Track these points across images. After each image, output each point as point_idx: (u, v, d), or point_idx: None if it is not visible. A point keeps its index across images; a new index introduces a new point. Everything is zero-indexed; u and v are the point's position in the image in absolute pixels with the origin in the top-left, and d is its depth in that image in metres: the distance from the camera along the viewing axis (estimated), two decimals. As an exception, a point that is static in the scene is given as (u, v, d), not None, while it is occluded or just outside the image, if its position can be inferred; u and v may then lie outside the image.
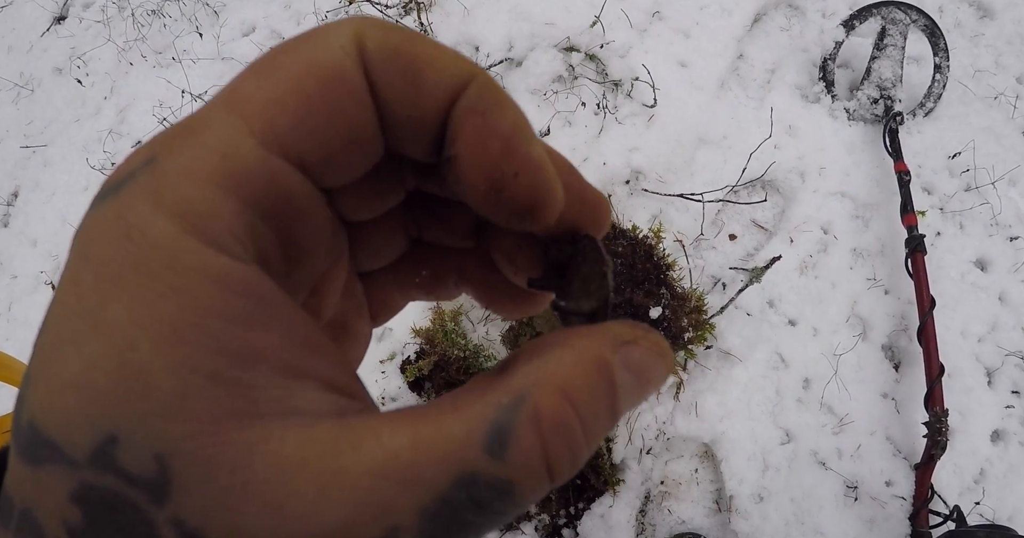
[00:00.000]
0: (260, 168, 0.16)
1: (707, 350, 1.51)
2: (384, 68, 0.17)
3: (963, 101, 1.89)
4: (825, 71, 1.77)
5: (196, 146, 0.16)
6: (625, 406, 0.19)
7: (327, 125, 0.17)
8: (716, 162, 1.68)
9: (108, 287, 0.14)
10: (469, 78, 0.18)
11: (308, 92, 0.17)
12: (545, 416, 0.16)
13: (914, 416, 1.53)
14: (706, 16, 1.82)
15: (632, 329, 0.20)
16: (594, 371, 0.18)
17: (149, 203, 0.15)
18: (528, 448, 0.16)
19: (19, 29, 2.61)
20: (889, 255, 1.66)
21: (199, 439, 0.14)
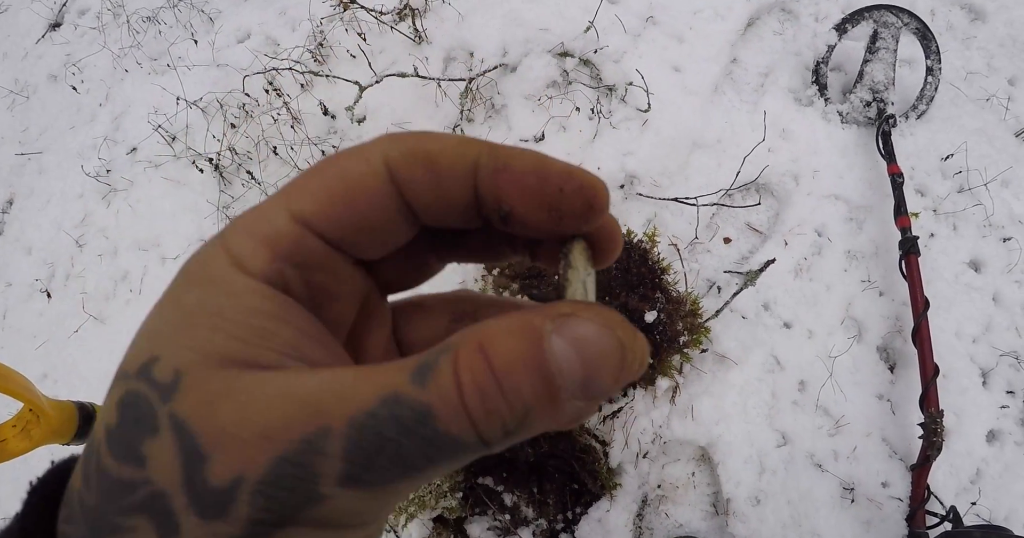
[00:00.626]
0: (288, 233, 0.24)
1: (703, 354, 1.51)
2: (407, 168, 0.24)
3: (955, 103, 1.91)
4: (818, 74, 1.78)
5: (254, 216, 0.24)
6: (563, 374, 0.20)
7: (343, 213, 0.24)
8: (710, 166, 1.69)
9: (189, 287, 0.23)
10: (476, 152, 0.24)
11: (332, 189, 0.24)
12: (461, 360, 0.19)
13: (910, 417, 1.54)
14: (699, 21, 1.83)
15: (580, 305, 0.22)
16: (517, 331, 0.20)
17: (219, 246, 0.24)
18: (444, 381, 0.19)
19: (14, 36, 2.62)
20: (883, 257, 1.67)
21: (208, 364, 0.21)
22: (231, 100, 1.86)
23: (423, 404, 0.19)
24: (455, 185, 0.24)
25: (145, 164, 1.93)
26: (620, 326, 0.21)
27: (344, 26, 1.87)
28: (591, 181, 0.24)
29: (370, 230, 0.25)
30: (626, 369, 0.21)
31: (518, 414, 0.20)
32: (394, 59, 1.80)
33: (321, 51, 1.85)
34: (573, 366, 0.20)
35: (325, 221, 0.24)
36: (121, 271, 1.86)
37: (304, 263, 0.24)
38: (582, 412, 0.21)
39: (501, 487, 1.47)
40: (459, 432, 0.19)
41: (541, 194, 0.23)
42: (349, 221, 0.24)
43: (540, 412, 0.20)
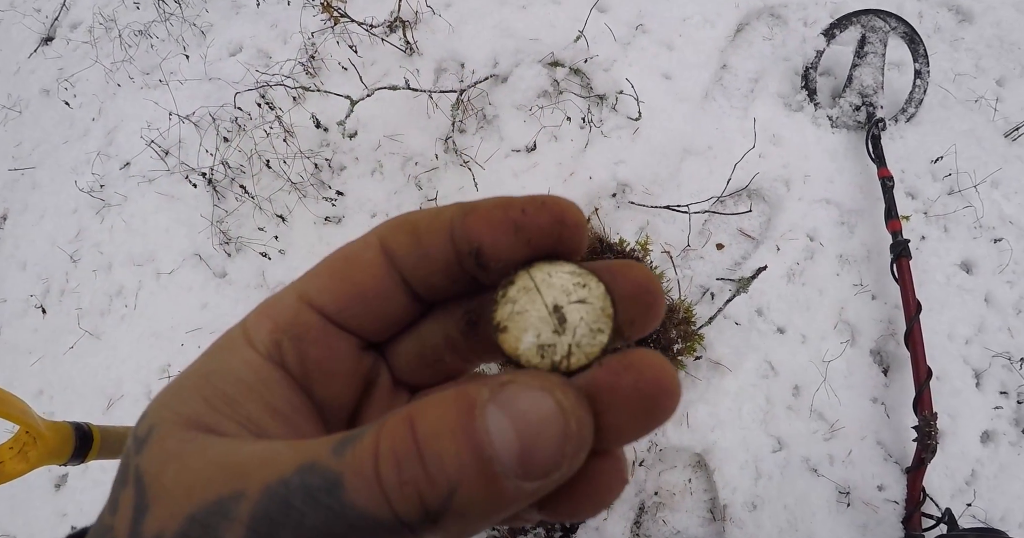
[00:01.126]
0: (290, 307, 0.26)
1: (697, 361, 1.52)
2: (394, 236, 0.26)
3: (944, 105, 1.92)
4: (807, 80, 1.79)
5: (273, 298, 0.27)
6: (494, 446, 0.18)
7: (341, 286, 0.26)
8: (702, 172, 1.70)
9: (206, 352, 0.26)
10: (450, 211, 0.25)
11: (334, 266, 0.26)
12: (385, 430, 0.19)
13: (904, 420, 1.55)
14: (689, 28, 1.84)
15: (521, 372, 0.20)
16: (449, 400, 0.19)
17: (242, 321, 0.26)
18: (362, 450, 0.19)
19: (6, 50, 2.62)
20: (875, 260, 1.68)
21: (176, 423, 0.22)
22: (224, 114, 1.87)
23: (334, 472, 0.18)
24: (433, 241, 0.25)
25: (139, 179, 1.94)
26: (559, 388, 0.19)
27: (335, 39, 1.87)
28: (557, 200, 0.23)
29: (366, 301, 0.26)
30: (570, 439, 0.19)
31: (440, 489, 0.18)
32: (386, 71, 1.81)
33: (313, 64, 1.86)
34: (506, 437, 0.18)
35: (325, 294, 0.26)
36: (116, 286, 1.86)
37: (300, 335, 0.26)
38: (530, 494, 0.19)
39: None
40: (368, 505, 0.18)
41: (505, 220, 0.23)
42: (346, 293, 0.25)
43: (470, 490, 0.18)
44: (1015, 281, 1.74)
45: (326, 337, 0.26)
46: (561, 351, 0.21)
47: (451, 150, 1.71)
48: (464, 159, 1.69)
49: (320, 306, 0.26)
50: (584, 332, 0.22)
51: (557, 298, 0.22)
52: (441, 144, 1.73)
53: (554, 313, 0.22)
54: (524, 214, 0.23)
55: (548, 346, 0.21)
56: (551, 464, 0.18)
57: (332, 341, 0.26)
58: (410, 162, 1.75)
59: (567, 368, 0.21)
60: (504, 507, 0.18)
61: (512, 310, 0.22)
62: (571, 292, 0.22)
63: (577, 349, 0.21)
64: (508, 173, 1.69)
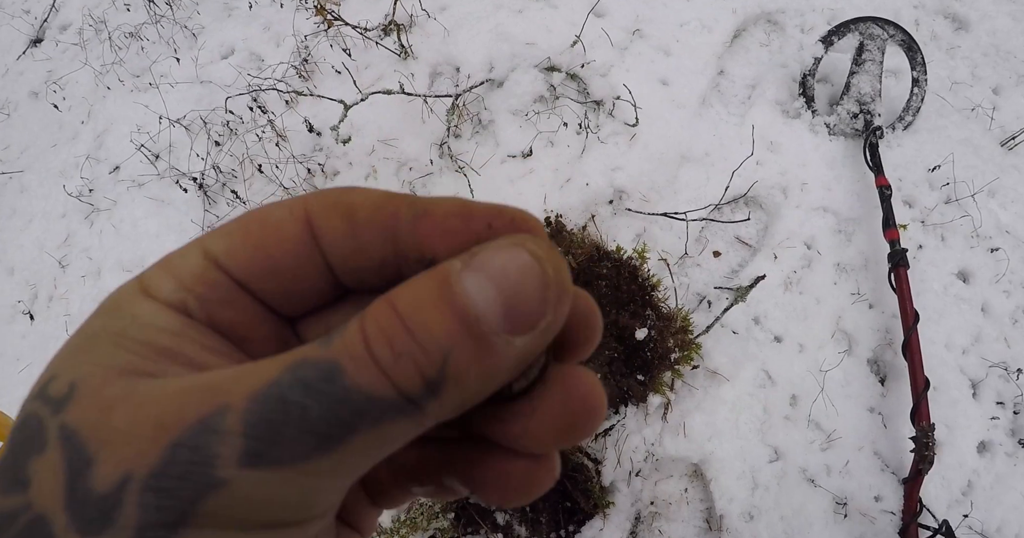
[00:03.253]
0: (195, 266, 0.23)
1: (694, 370, 1.50)
2: (325, 217, 0.23)
3: (941, 113, 1.92)
4: (805, 87, 1.79)
5: (173, 253, 0.24)
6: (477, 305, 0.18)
7: (254, 254, 0.23)
8: (699, 179, 1.68)
9: (96, 316, 0.23)
10: (396, 204, 0.23)
11: (249, 230, 0.24)
12: (368, 315, 0.19)
13: (901, 430, 1.54)
14: (686, 33, 1.83)
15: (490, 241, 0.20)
16: (425, 278, 0.19)
17: (133, 279, 0.24)
18: (350, 336, 0.18)
19: (-7, 51, 2.58)
20: (872, 269, 1.67)
21: (108, 376, 0.20)
22: (215, 118, 1.84)
23: (329, 361, 0.18)
24: (372, 236, 0.23)
25: (128, 183, 1.91)
26: (530, 242, 0.19)
27: (329, 42, 1.85)
28: (525, 217, 0.22)
29: (279, 275, 0.24)
30: (550, 285, 0.19)
31: (434, 356, 0.18)
32: (380, 74, 1.79)
33: (306, 67, 1.83)
34: (488, 295, 0.18)
35: (233, 259, 0.23)
36: (105, 292, 1.83)
37: (207, 296, 0.23)
38: (522, 351, 0.19)
39: (493, 506, 1.46)
40: (370, 384, 0.18)
41: (465, 234, 0.22)
42: (258, 262, 0.24)
43: (463, 352, 0.18)
44: (1012, 291, 1.73)
45: (237, 300, 0.24)
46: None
47: (446, 155, 1.70)
48: (459, 165, 1.67)
49: (227, 269, 0.24)
50: None
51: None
52: (436, 149, 1.71)
53: None
54: (491, 230, 0.22)
55: None
56: (537, 313, 0.19)
57: (243, 305, 0.24)
58: (404, 167, 1.73)
59: (509, 391, 0.22)
60: (499, 368, 0.19)
61: None
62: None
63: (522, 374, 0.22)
64: (504, 179, 1.67)
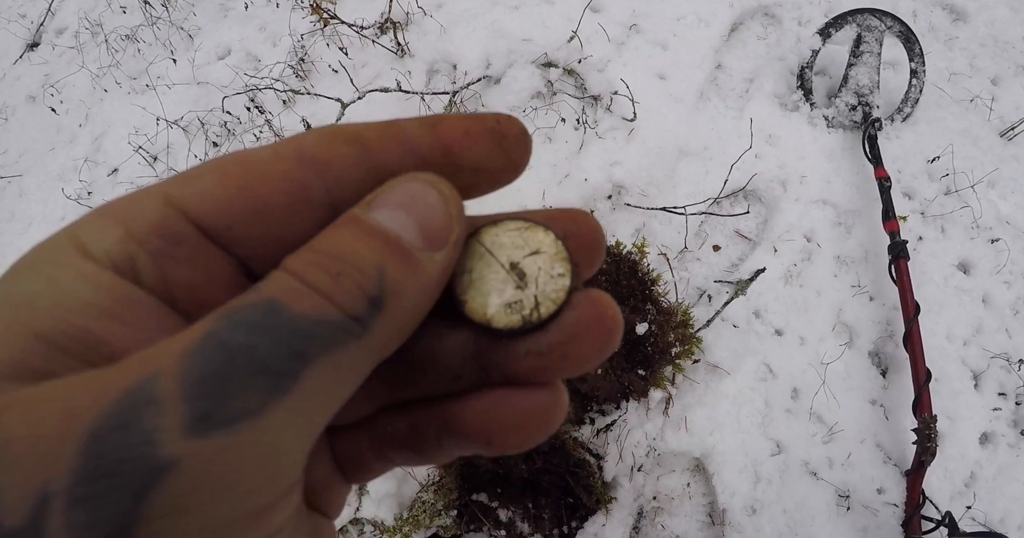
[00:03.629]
0: (152, 212, 0.20)
1: (695, 364, 1.50)
2: (329, 146, 0.21)
3: (940, 105, 1.91)
4: (803, 79, 1.78)
5: (123, 198, 0.21)
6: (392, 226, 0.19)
7: (235, 195, 0.20)
8: (698, 173, 1.68)
9: (12, 271, 0.19)
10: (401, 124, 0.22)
11: (228, 171, 0.21)
12: (289, 261, 0.19)
13: (903, 422, 1.54)
14: (683, 27, 1.82)
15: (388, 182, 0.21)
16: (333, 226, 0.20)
17: (66, 228, 0.20)
18: (278, 277, 0.18)
19: (-10, 55, 2.58)
20: (872, 261, 1.67)
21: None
22: (212, 119, 1.84)
23: (265, 299, 0.17)
24: (389, 153, 0.22)
25: (127, 186, 1.91)
26: (419, 175, 0.21)
27: (325, 41, 1.85)
28: (513, 116, 0.24)
29: (269, 219, 0.21)
30: (448, 202, 0.21)
31: (370, 273, 0.18)
32: (377, 73, 1.79)
33: (303, 66, 1.83)
34: (400, 219, 0.19)
35: (207, 204, 0.20)
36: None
37: (163, 251, 0.20)
38: (443, 264, 0.20)
39: (496, 503, 1.46)
40: (315, 308, 0.17)
41: (483, 131, 0.22)
42: (242, 204, 0.20)
43: (396, 268, 0.19)
44: (1012, 282, 1.73)
45: (203, 257, 0.21)
46: (528, 304, 0.22)
47: (444, 153, 1.69)
48: (457, 162, 1.67)
49: (198, 216, 0.20)
50: (545, 280, 0.22)
51: (512, 255, 0.23)
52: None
53: (512, 270, 0.22)
54: (499, 124, 0.23)
55: (514, 303, 0.22)
56: (446, 228, 0.20)
57: (211, 263, 0.21)
58: (403, 165, 1.73)
59: (539, 318, 0.22)
60: (430, 280, 0.20)
61: (470, 279, 0.22)
62: (523, 246, 0.23)
63: (544, 298, 0.22)
64: (502, 176, 1.67)
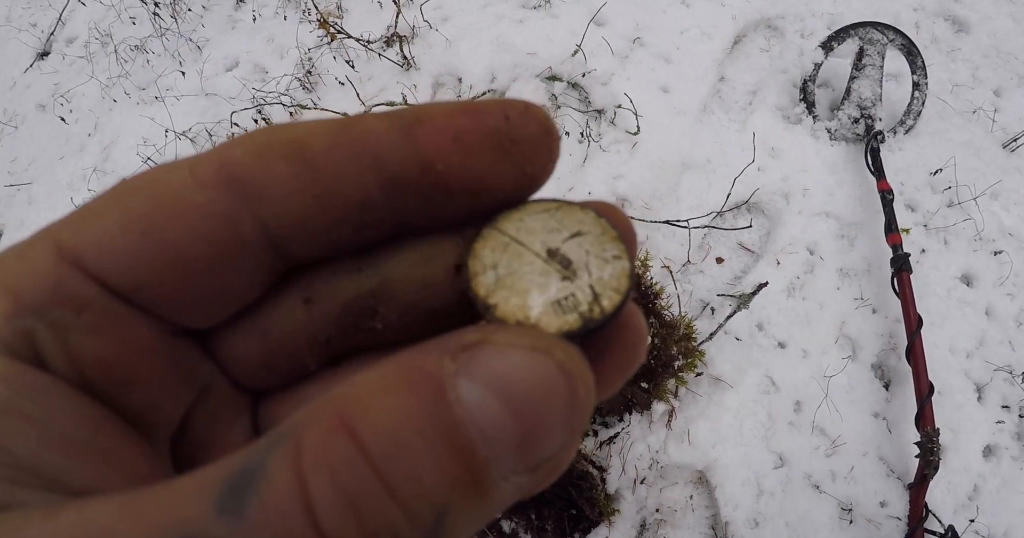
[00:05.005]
0: (45, 274, 0.16)
1: (698, 377, 1.51)
2: (259, 166, 0.16)
3: (942, 116, 1.92)
4: (805, 92, 1.79)
5: (8, 253, 0.16)
6: (487, 437, 0.13)
7: (142, 244, 0.16)
8: (701, 186, 1.69)
9: None
10: (369, 124, 0.17)
11: (130, 209, 0.16)
12: (308, 453, 0.12)
13: (906, 435, 1.54)
14: (686, 40, 1.84)
15: (493, 328, 0.15)
16: (401, 386, 0.13)
17: None
18: (277, 496, 0.12)
19: (1, 65, 2.61)
20: (875, 274, 1.67)
21: None
22: (220, 130, 1.86)
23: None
24: (340, 171, 0.16)
25: (135, 195, 1.93)
26: (557, 347, 0.14)
27: (332, 54, 1.87)
28: (534, 104, 0.18)
29: (189, 273, 0.16)
30: (579, 409, 0.14)
31: (424, 522, 0.12)
32: (383, 86, 1.81)
33: (309, 79, 1.85)
34: (501, 422, 0.13)
35: (110, 257, 0.16)
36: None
37: (63, 322, 0.16)
38: (521, 492, 0.14)
39: (499, 515, 1.47)
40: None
41: (480, 133, 0.17)
42: (152, 258, 0.16)
43: (463, 507, 0.13)
44: (1015, 294, 1.73)
45: (114, 323, 0.16)
46: (585, 298, 0.17)
47: (449, 165, 1.71)
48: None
49: (100, 273, 0.16)
50: (599, 265, 0.17)
51: (547, 241, 0.18)
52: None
53: (552, 259, 0.17)
54: (509, 122, 0.17)
55: (567, 298, 0.17)
56: (558, 448, 0.14)
57: (125, 329, 0.16)
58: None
59: (603, 313, 0.17)
60: (494, 514, 0.14)
61: (497, 276, 0.17)
62: (558, 229, 0.18)
63: (603, 286, 0.17)
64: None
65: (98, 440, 0.15)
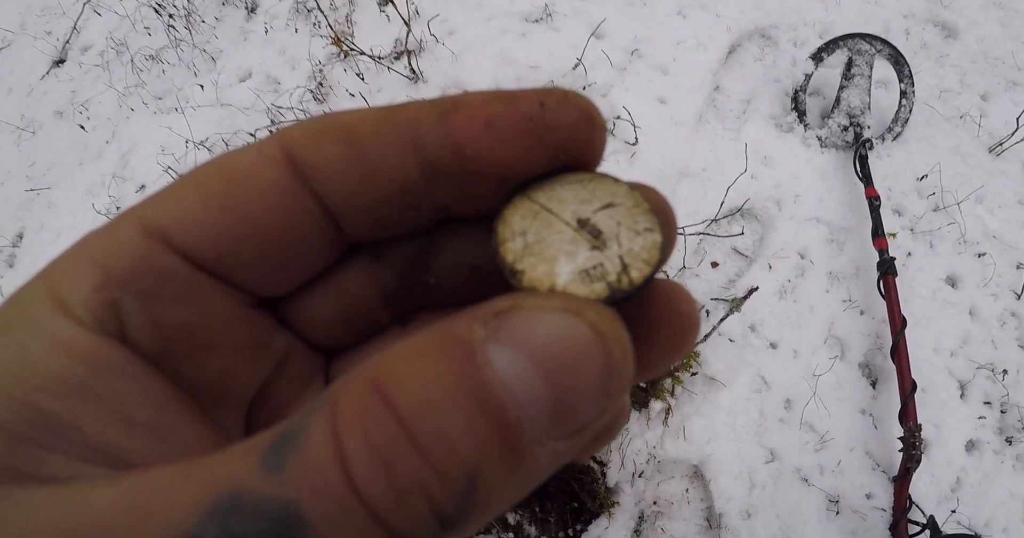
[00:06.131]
0: (131, 248, 0.17)
1: (693, 376, 1.59)
2: (315, 147, 0.17)
3: (930, 122, 1.99)
4: (796, 102, 1.86)
5: (97, 231, 0.18)
6: (518, 401, 0.13)
7: (222, 219, 0.17)
8: (697, 194, 1.77)
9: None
10: (411, 111, 0.18)
11: (208, 187, 0.17)
12: (343, 415, 0.13)
13: (891, 431, 1.62)
14: (683, 51, 1.90)
15: (523, 294, 0.15)
16: (432, 349, 0.13)
17: (39, 276, 0.17)
18: (315, 455, 0.12)
19: (18, 71, 2.68)
20: (863, 277, 1.75)
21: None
22: (237, 141, 1.94)
23: (281, 502, 0.12)
24: (387, 153, 0.18)
25: (154, 202, 2.00)
26: (590, 308, 0.14)
27: (343, 66, 1.94)
28: (577, 93, 0.18)
29: (265, 242, 0.18)
30: (614, 373, 0.14)
31: (456, 484, 0.13)
32: (392, 97, 1.88)
33: (321, 90, 1.93)
34: (532, 385, 0.13)
35: (191, 231, 0.17)
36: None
37: (149, 292, 0.17)
38: (560, 459, 0.14)
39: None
40: (342, 529, 0.12)
41: (514, 120, 0.17)
42: (231, 229, 0.17)
43: (495, 473, 0.13)
44: (999, 294, 1.81)
45: (197, 292, 0.18)
46: (614, 268, 0.17)
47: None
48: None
49: (184, 247, 0.17)
50: (630, 237, 0.17)
51: (578, 211, 0.18)
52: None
53: (582, 228, 0.17)
54: (544, 109, 0.17)
55: (595, 267, 0.17)
56: (594, 411, 0.14)
57: (207, 298, 0.18)
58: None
59: (631, 284, 0.17)
60: (533, 483, 0.14)
61: (526, 244, 0.17)
62: (590, 199, 0.18)
63: (633, 258, 0.17)
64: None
65: (161, 420, 0.17)
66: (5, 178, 2.46)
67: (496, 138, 0.17)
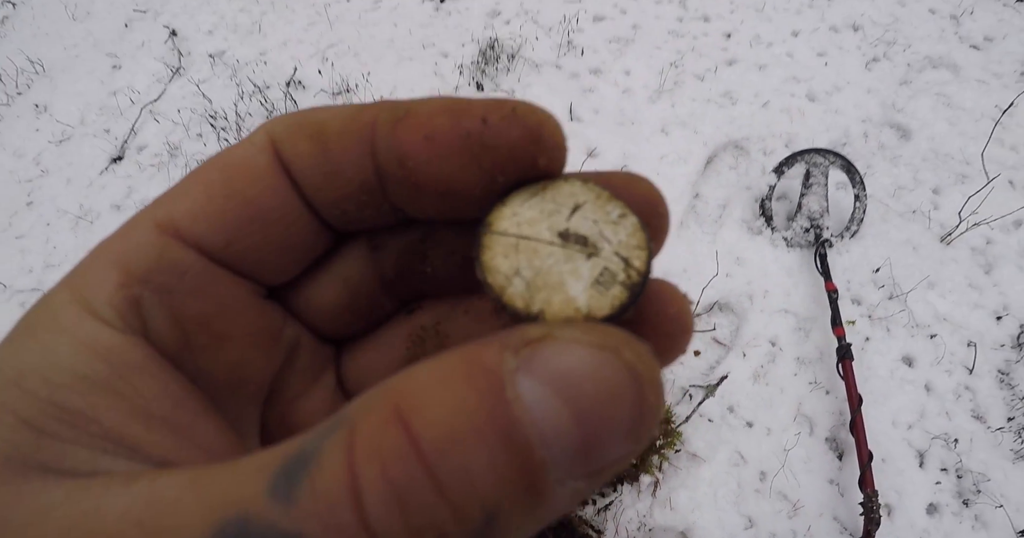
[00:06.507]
0: (148, 245, 0.18)
1: (677, 453, 1.84)
2: (291, 141, 0.19)
3: (884, 219, 2.27)
4: (764, 209, 2.16)
5: (115, 233, 0.19)
6: (546, 439, 0.12)
7: (226, 208, 0.18)
8: (679, 290, 2.04)
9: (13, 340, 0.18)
10: (373, 113, 0.18)
11: (210, 181, 0.19)
12: (360, 443, 0.12)
13: (856, 498, 1.85)
14: (666, 165, 2.21)
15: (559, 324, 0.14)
16: (458, 378, 0.13)
17: (65, 280, 0.19)
18: (327, 488, 0.12)
19: (77, 164, 2.99)
20: (827, 361, 2.01)
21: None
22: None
23: (288, 533, 0.12)
24: (346, 153, 0.18)
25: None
26: (628, 347, 0.14)
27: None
28: (532, 107, 0.17)
29: (265, 225, 0.19)
30: (646, 416, 0.13)
31: (473, 522, 0.12)
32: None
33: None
34: (561, 424, 0.13)
35: (202, 221, 0.18)
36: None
37: (169, 285, 0.18)
38: (579, 498, 0.14)
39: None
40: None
41: (454, 135, 0.17)
42: (235, 215, 0.18)
43: (514, 509, 0.13)
44: (952, 370, 2.05)
45: (211, 283, 0.19)
46: (617, 266, 0.17)
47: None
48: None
49: (196, 238, 0.19)
50: (612, 230, 0.18)
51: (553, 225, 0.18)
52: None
53: (568, 241, 0.18)
54: (485, 125, 0.17)
55: (601, 274, 0.17)
56: (620, 454, 0.13)
57: (221, 288, 0.19)
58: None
59: (640, 275, 0.17)
60: (549, 520, 0.14)
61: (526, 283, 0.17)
62: (556, 210, 0.18)
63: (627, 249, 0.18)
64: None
65: (177, 415, 0.18)
66: (61, 261, 2.76)
67: (434, 153, 0.17)
